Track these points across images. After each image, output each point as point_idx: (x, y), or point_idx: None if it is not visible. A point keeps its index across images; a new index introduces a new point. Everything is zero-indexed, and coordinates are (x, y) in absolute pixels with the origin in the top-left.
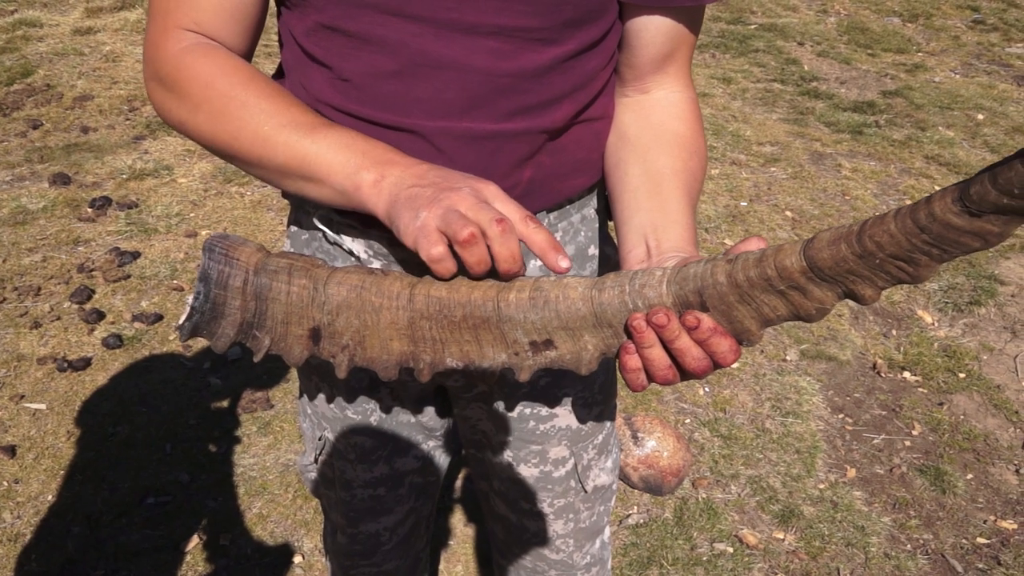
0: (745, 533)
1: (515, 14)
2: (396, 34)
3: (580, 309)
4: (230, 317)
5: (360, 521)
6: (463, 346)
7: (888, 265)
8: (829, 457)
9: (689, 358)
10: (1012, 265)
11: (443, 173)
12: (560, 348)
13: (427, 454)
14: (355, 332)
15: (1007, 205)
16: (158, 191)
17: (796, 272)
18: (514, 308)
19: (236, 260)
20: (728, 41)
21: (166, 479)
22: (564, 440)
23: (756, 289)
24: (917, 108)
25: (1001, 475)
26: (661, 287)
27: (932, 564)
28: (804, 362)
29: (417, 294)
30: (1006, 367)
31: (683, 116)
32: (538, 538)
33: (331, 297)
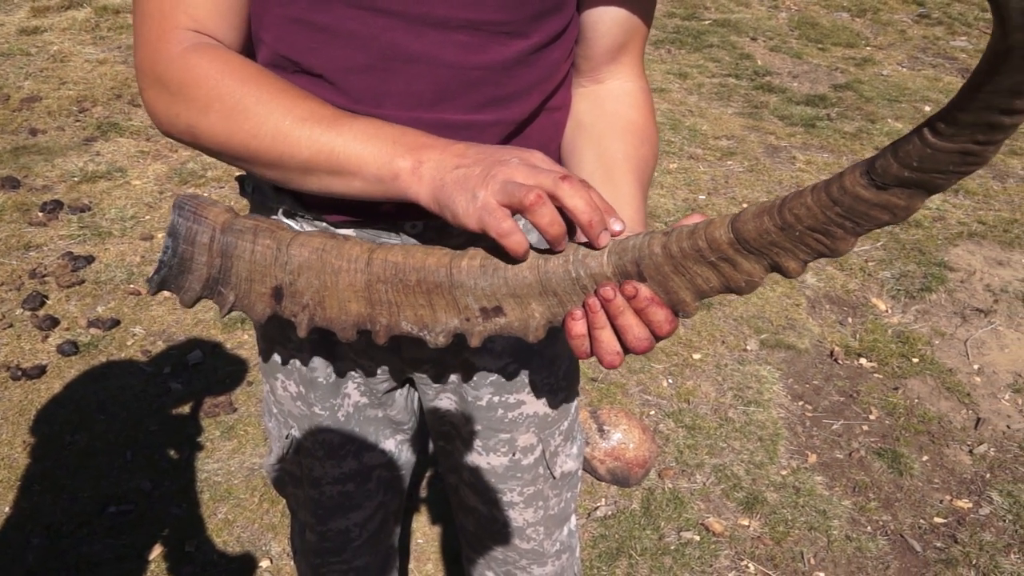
0: (711, 521)
1: (484, 8)
2: (367, 28)
3: (527, 277)
4: (197, 272)
5: (329, 518)
6: (417, 310)
7: (807, 238)
8: (790, 444)
9: (631, 336)
10: (960, 252)
11: (482, 149)
12: (509, 315)
13: (395, 448)
14: (315, 292)
15: (908, 178)
16: (111, 194)
17: (724, 244)
18: (465, 274)
19: (204, 218)
20: (683, 37)
21: (127, 487)
22: (532, 427)
23: (689, 260)
24: (867, 101)
25: (955, 456)
26: (602, 257)
27: (892, 544)
28: (764, 351)
29: (375, 258)
30: (957, 351)
31: (636, 104)
32: (508, 528)
33: (293, 257)
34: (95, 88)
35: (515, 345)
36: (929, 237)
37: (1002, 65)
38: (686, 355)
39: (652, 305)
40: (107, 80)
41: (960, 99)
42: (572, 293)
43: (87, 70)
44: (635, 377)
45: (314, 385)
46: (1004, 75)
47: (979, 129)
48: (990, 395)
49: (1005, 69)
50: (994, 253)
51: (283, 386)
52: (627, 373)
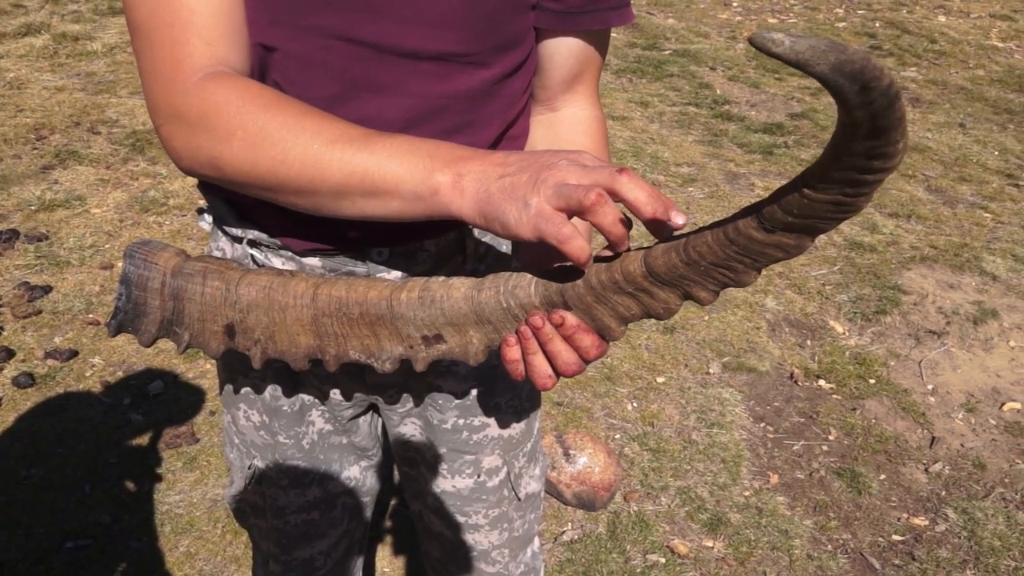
0: (676, 543)
1: (452, 41)
2: (338, 59)
3: (462, 307)
4: (151, 315)
5: (294, 547)
6: (363, 340)
7: (712, 271)
8: (753, 465)
9: (561, 361)
10: (913, 275)
11: (524, 155)
12: (449, 342)
13: (360, 475)
14: (264, 328)
15: (792, 223)
16: (70, 222)
17: (639, 276)
18: (404, 306)
19: (154, 264)
20: (644, 66)
21: (86, 521)
22: (497, 449)
23: (608, 291)
24: (822, 129)
25: (911, 474)
26: (530, 288)
27: (852, 563)
28: (726, 374)
29: (319, 294)
30: (912, 372)
31: (589, 132)
32: (474, 551)
33: (242, 297)
34: (53, 116)
35: (479, 368)
36: (883, 261)
37: (853, 136)
38: (650, 379)
39: (579, 332)
40: (65, 108)
41: (827, 160)
42: (505, 321)
43: (45, 97)
44: (600, 401)
45: (278, 414)
46: (857, 143)
47: (847, 184)
48: (944, 415)
49: (856, 139)
50: (945, 276)
51: (245, 416)
52: (592, 397)
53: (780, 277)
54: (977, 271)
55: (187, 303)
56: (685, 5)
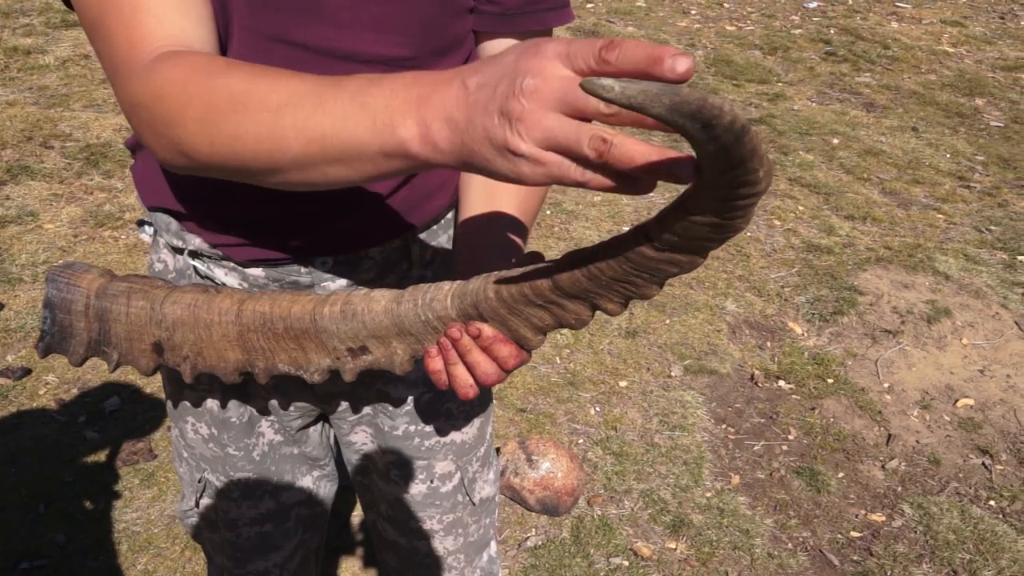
0: (639, 546)
1: (389, 45)
2: (277, 60)
3: (383, 320)
4: (78, 337)
5: (248, 560)
6: (290, 353)
7: (615, 285)
8: (715, 466)
9: (480, 371)
10: (869, 276)
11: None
12: (374, 353)
13: (313, 485)
14: (192, 345)
15: (679, 243)
16: (22, 239)
17: (546, 290)
18: (327, 320)
19: (77, 287)
20: None
21: (41, 541)
22: (450, 454)
23: (520, 303)
24: (779, 134)
25: (869, 471)
26: (446, 301)
27: (811, 560)
28: (688, 377)
29: (244, 310)
30: (868, 371)
31: None
32: (430, 558)
33: (167, 315)
34: (4, 131)
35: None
36: (840, 263)
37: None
38: (613, 383)
39: (496, 343)
40: (17, 122)
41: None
42: (426, 332)
43: None
44: (563, 407)
45: (227, 426)
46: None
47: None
48: (900, 412)
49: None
50: (900, 277)
51: (194, 429)
52: (555, 403)
53: (740, 280)
54: (930, 271)
55: (113, 323)
56: (644, 13)
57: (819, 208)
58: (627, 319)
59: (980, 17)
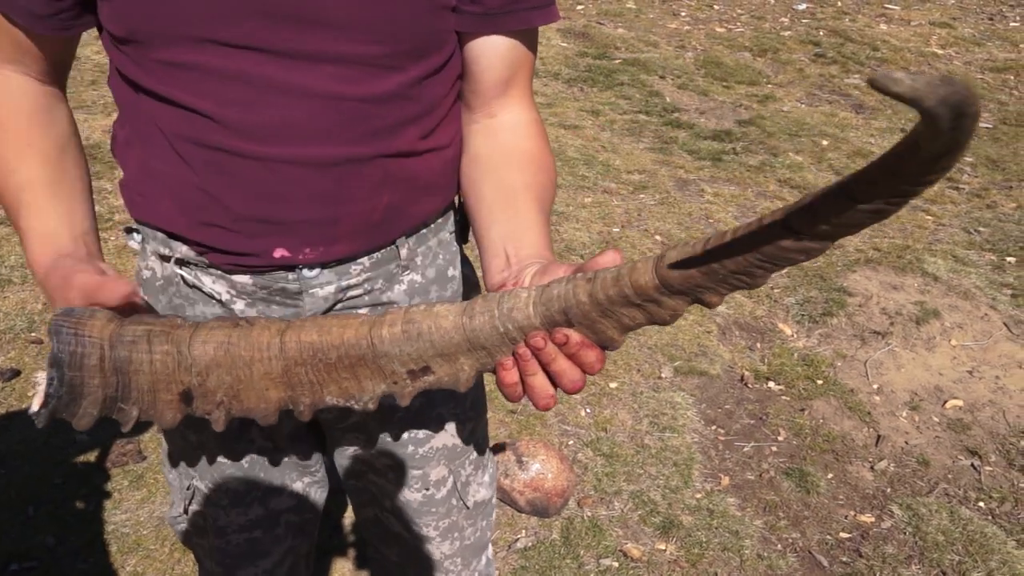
0: (629, 547)
1: (355, 42)
2: (240, 65)
3: (454, 337)
4: (91, 396)
5: (237, 567)
6: (341, 384)
7: (730, 279)
8: (704, 467)
9: (566, 380)
10: (858, 278)
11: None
12: (437, 372)
13: (303, 491)
14: (228, 388)
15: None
16: (11, 240)
17: (651, 289)
18: (388, 344)
19: (87, 337)
20: (595, 75)
21: (31, 543)
22: (443, 460)
23: (616, 305)
24: (769, 136)
25: (858, 472)
26: (528, 309)
27: (801, 561)
28: (678, 378)
29: (288, 342)
30: (858, 372)
31: (529, 135)
32: (428, 562)
33: (198, 359)
34: None
35: None
36: (829, 264)
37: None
38: (603, 384)
39: (583, 348)
40: None
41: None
42: (501, 345)
43: None
44: (553, 408)
45: (216, 433)
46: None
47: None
48: (889, 413)
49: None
50: (889, 278)
51: (182, 436)
52: None
53: None
54: (919, 272)
55: (134, 376)
56: (634, 15)
57: None
58: None
59: (969, 19)
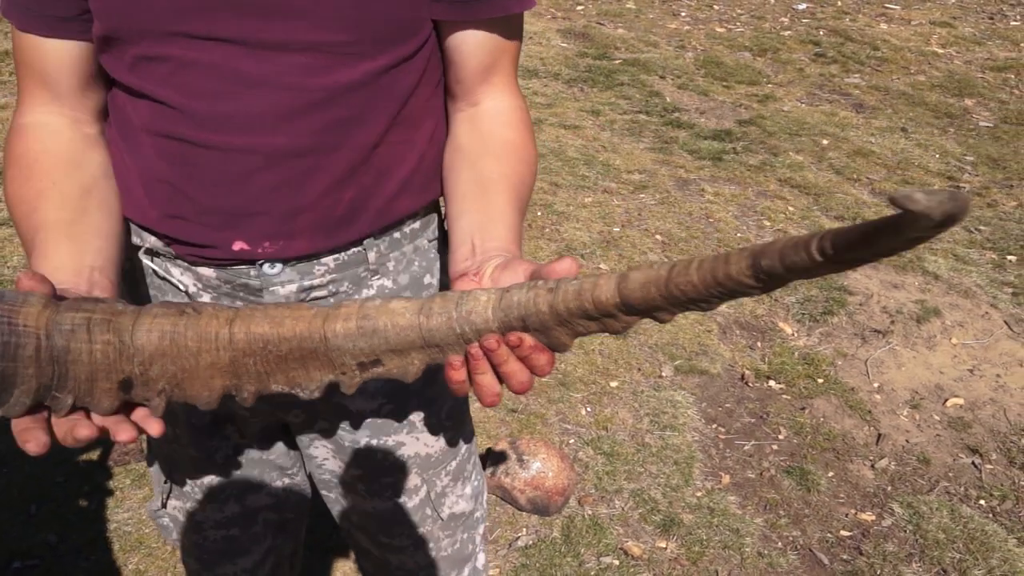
0: (630, 545)
1: (323, 30)
2: (209, 56)
3: (409, 335)
4: (24, 385)
5: (216, 564)
6: (289, 374)
7: (687, 304)
8: (705, 466)
9: (515, 380)
10: (859, 276)
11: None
12: (387, 365)
13: (281, 490)
14: (171, 377)
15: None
16: (13, 240)
17: (611, 306)
18: (342, 338)
19: (21, 326)
20: (595, 76)
21: (33, 541)
22: (415, 468)
23: (575, 316)
24: (769, 135)
25: (858, 471)
26: (487, 313)
27: (801, 559)
28: (679, 377)
29: (237, 333)
30: (858, 371)
31: (511, 123)
32: (402, 570)
33: (142, 348)
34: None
35: (389, 386)
36: None
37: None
38: (603, 383)
39: (535, 351)
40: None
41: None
42: (455, 344)
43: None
44: (554, 407)
45: (189, 427)
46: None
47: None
48: (890, 412)
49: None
50: (889, 277)
51: None
52: (546, 403)
53: None
54: (920, 271)
55: (72, 365)
56: (634, 15)
57: (809, 208)
58: None
59: (969, 18)
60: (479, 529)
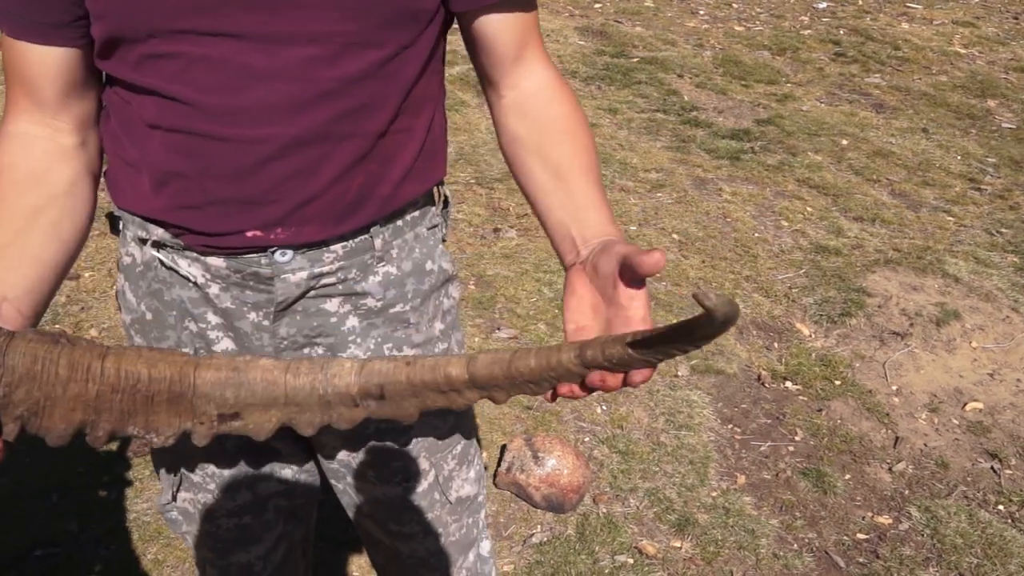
0: (644, 544)
1: (327, 20)
2: (217, 51)
3: (273, 391)
4: None
5: (229, 552)
6: (149, 416)
7: (523, 387)
8: (720, 466)
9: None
10: (877, 278)
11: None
12: (246, 419)
13: (292, 477)
14: (34, 403)
15: (604, 366)
16: None
17: (459, 383)
18: (210, 386)
19: None
20: (612, 74)
21: (54, 529)
22: (422, 452)
23: (427, 389)
24: (788, 135)
25: (876, 474)
26: (350, 378)
27: (817, 561)
28: (695, 377)
29: (109, 367)
30: (876, 373)
31: (555, 97)
32: (412, 559)
33: (12, 369)
34: None
35: None
36: (848, 264)
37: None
38: None
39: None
40: None
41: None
42: (315, 405)
43: None
44: (569, 404)
45: None
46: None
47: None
48: (908, 415)
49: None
50: (909, 279)
51: None
52: (562, 401)
53: (747, 280)
54: (940, 273)
55: None
56: (652, 13)
57: (827, 209)
58: None
59: (993, 18)
60: (481, 514)
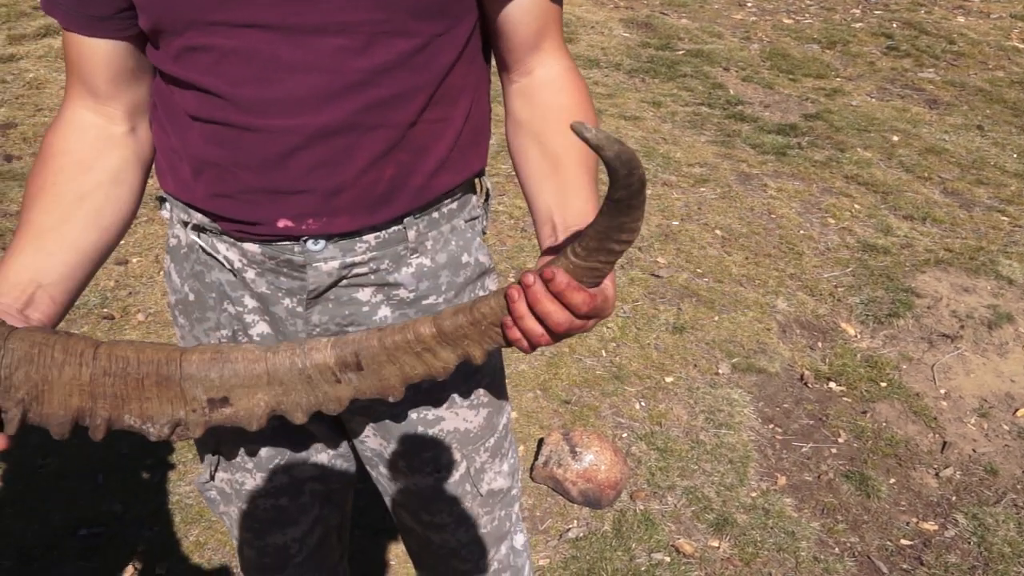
0: (681, 542)
1: (358, 9)
2: (249, 43)
3: (256, 368)
4: None
5: (266, 533)
6: (143, 403)
7: (490, 331)
8: (760, 466)
9: (552, 320)
10: (927, 279)
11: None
12: (235, 405)
13: (327, 463)
14: (33, 386)
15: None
16: None
17: (429, 339)
18: (196, 366)
19: None
20: (657, 67)
21: (99, 510)
22: (454, 443)
23: (400, 351)
24: (836, 130)
25: (921, 479)
26: (327, 350)
27: (859, 566)
28: (736, 375)
29: (101, 353)
30: (924, 376)
31: (564, 88)
32: (444, 549)
33: (11, 351)
34: None
35: None
36: (897, 264)
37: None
38: (659, 378)
39: (570, 289)
40: None
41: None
42: (298, 383)
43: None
44: (608, 400)
45: None
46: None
47: (603, 253)
48: (956, 419)
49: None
50: (960, 280)
51: None
52: (600, 396)
53: (791, 278)
54: (993, 275)
55: None
56: (699, 5)
57: (876, 207)
58: (675, 315)
59: None
60: (515, 507)
